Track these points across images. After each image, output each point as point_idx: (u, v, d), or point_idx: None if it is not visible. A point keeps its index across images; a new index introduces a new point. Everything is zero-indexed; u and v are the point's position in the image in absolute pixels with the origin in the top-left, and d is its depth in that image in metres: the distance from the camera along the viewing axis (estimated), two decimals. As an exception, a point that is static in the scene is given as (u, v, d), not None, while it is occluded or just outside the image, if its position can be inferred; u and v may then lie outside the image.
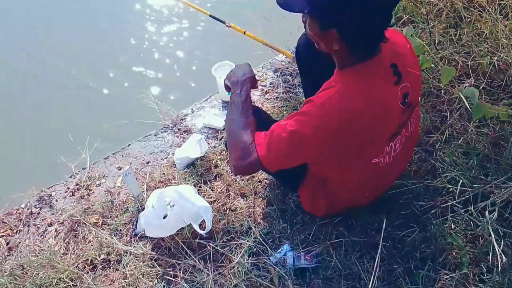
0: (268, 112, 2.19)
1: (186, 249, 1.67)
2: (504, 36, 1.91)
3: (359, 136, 1.21)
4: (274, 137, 1.24)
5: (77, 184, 2.05)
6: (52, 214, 1.96)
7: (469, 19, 2.03)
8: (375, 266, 1.25)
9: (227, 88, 1.49)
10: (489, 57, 1.88)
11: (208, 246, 1.65)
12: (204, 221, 1.68)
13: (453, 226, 1.56)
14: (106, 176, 2.07)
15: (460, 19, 2.06)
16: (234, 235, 1.72)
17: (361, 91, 1.17)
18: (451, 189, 1.61)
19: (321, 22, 1.16)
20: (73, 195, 2.02)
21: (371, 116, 1.18)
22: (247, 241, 1.68)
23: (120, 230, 1.81)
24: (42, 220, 1.94)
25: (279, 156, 1.26)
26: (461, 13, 2.03)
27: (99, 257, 1.73)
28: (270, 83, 2.43)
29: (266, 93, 2.39)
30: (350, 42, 1.16)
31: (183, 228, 1.70)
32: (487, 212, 1.48)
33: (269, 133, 1.27)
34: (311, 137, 1.20)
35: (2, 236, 1.89)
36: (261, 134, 1.30)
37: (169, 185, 1.89)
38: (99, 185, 2.03)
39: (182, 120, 2.29)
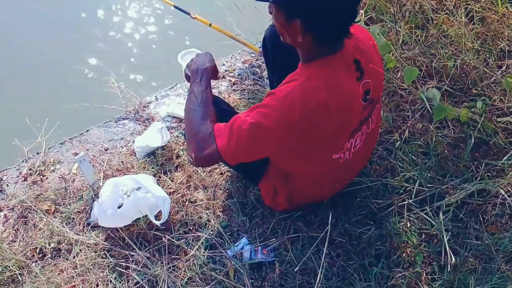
0: (235, 104, 2.17)
1: (141, 240, 1.62)
2: (468, 40, 1.95)
3: (320, 129, 1.20)
4: (234, 128, 1.22)
5: (30, 169, 1.95)
6: (2, 199, 1.86)
7: (436, 21, 2.05)
8: (322, 260, 1.25)
9: (188, 77, 1.45)
10: (453, 59, 1.91)
11: (163, 238, 1.61)
12: (161, 212, 1.63)
13: (408, 224, 1.58)
14: (62, 162, 1.98)
15: (428, 21, 2.08)
16: (191, 227, 1.69)
17: (323, 84, 1.16)
18: (408, 188, 1.63)
19: (286, 12, 1.15)
20: (25, 180, 1.92)
21: (333, 109, 1.17)
22: (205, 233, 1.65)
23: (73, 218, 1.74)
24: (-9, 205, 1.85)
25: (239, 149, 1.23)
26: (429, 15, 2.05)
27: (49, 245, 1.66)
28: (238, 75, 2.40)
29: (233, 84, 2.35)
30: (314, 35, 1.15)
31: (138, 218, 1.65)
32: (441, 212, 1.50)
33: (230, 124, 1.24)
34: (272, 130, 1.18)
35: None
36: (221, 125, 1.27)
37: (127, 174, 1.84)
38: (53, 171, 1.94)
39: (145, 107, 2.22)
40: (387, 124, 1.87)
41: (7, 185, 1.92)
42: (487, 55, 1.95)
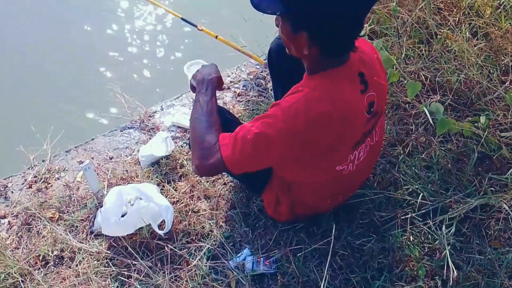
0: (239, 115, 2.18)
1: (144, 249, 1.62)
2: (472, 55, 1.96)
3: (324, 140, 1.21)
4: (239, 138, 1.23)
5: (35, 176, 1.97)
6: (7, 206, 1.88)
7: (440, 36, 2.07)
8: (324, 273, 1.24)
9: (193, 88, 1.47)
10: (456, 74, 1.92)
11: (166, 248, 1.61)
12: (164, 222, 1.64)
13: (411, 238, 1.57)
14: (66, 170, 2.00)
15: (431, 36, 2.10)
16: (194, 237, 1.69)
17: (328, 95, 1.17)
18: (411, 202, 1.63)
19: (292, 24, 1.16)
20: (30, 187, 1.94)
21: (337, 120, 1.18)
22: (207, 243, 1.65)
23: (77, 226, 1.75)
24: (-4, 211, 1.86)
25: (244, 158, 1.24)
26: (432, 30, 2.07)
27: (52, 253, 1.67)
28: (243, 86, 2.42)
29: (238, 95, 2.37)
30: (320, 47, 1.16)
31: (142, 227, 1.66)
32: (444, 226, 1.50)
33: (234, 134, 1.25)
34: (277, 140, 1.19)
35: (-50, 226, 1.80)
36: (226, 135, 1.28)
37: (131, 183, 1.84)
38: (58, 179, 1.96)
39: (151, 117, 2.24)
40: (390, 137, 1.88)
41: (12, 192, 1.93)
42: (491, 70, 1.96)
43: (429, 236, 1.56)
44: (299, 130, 1.17)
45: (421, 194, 1.62)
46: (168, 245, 1.62)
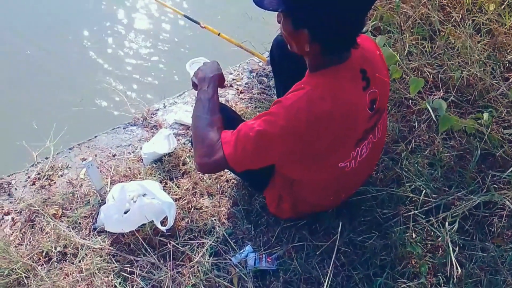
0: (242, 112, 2.18)
1: (146, 246, 1.63)
2: (475, 51, 1.95)
3: (326, 138, 1.21)
4: (241, 136, 1.23)
5: (38, 173, 1.98)
6: (10, 202, 1.89)
7: (443, 33, 2.06)
8: (329, 269, 1.25)
9: (195, 86, 1.47)
10: (460, 71, 1.92)
11: (168, 244, 1.62)
12: (167, 218, 1.64)
13: (414, 235, 1.57)
14: (70, 167, 2.00)
15: (434, 33, 2.09)
16: (196, 234, 1.70)
17: (329, 93, 1.17)
18: (414, 199, 1.63)
19: (293, 21, 1.16)
20: (33, 184, 1.95)
21: (339, 118, 1.18)
22: (210, 240, 1.65)
23: (80, 223, 1.76)
24: (-1, 208, 1.87)
25: (246, 156, 1.24)
26: (436, 26, 2.06)
27: (55, 249, 1.68)
28: (246, 83, 2.42)
29: (240, 93, 2.37)
30: (321, 45, 1.16)
31: (144, 224, 1.66)
32: (447, 223, 1.50)
33: (236, 132, 1.25)
34: (278, 138, 1.19)
35: (-45, 223, 1.81)
36: (228, 133, 1.28)
37: (134, 180, 1.85)
38: (61, 176, 1.96)
39: (153, 114, 2.24)
40: (393, 134, 1.88)
41: (16, 189, 1.94)
42: (494, 67, 1.95)
43: (432, 233, 1.56)
44: (301, 129, 1.16)
45: (424, 191, 1.62)
46: (171, 241, 1.63)
